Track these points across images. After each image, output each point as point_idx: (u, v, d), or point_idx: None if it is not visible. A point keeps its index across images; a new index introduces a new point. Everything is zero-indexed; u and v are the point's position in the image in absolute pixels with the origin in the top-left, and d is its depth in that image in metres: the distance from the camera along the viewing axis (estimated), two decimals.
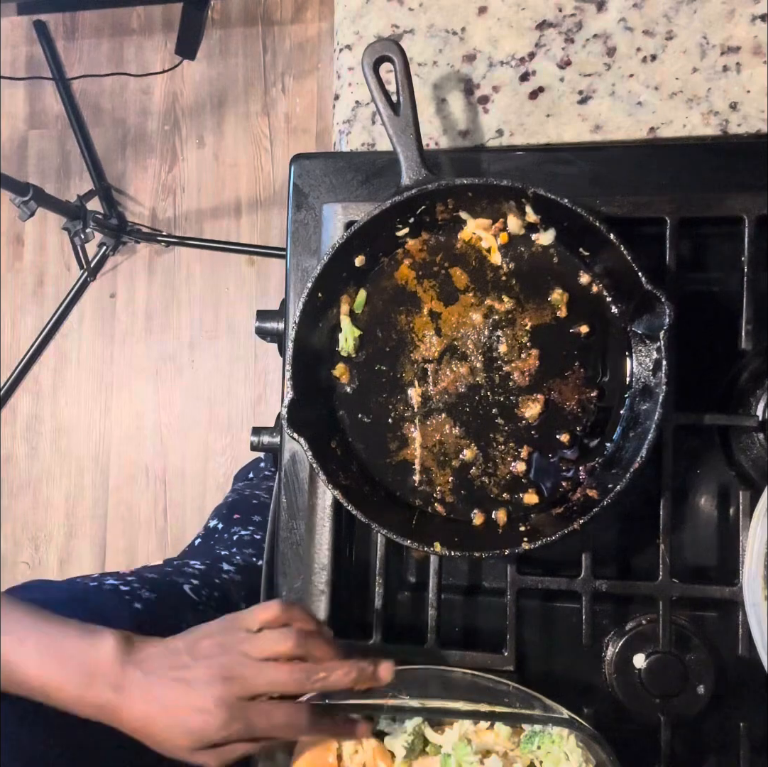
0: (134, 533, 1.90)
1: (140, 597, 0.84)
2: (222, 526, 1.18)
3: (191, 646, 0.59)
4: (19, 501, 1.96)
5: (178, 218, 1.94)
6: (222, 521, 1.19)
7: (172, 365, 1.91)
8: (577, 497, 0.64)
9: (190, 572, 0.96)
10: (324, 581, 0.69)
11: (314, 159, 0.73)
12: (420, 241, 0.68)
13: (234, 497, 1.31)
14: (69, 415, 1.96)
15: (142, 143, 1.96)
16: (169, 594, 0.88)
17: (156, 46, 1.96)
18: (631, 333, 0.64)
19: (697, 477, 0.70)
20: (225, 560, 1.03)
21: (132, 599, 0.83)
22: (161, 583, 0.89)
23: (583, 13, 0.73)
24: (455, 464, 0.66)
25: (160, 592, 0.87)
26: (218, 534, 1.16)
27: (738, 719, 0.65)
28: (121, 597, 0.83)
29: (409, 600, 0.72)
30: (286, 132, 1.90)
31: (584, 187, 0.68)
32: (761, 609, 0.60)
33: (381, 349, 0.68)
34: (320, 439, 0.65)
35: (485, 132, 0.74)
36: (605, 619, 0.68)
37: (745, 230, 0.64)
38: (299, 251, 0.73)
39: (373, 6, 0.76)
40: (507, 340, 0.66)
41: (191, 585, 0.92)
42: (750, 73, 0.70)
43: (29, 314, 1.98)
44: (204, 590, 0.92)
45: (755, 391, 0.66)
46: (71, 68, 1.99)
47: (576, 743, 0.58)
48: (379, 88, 0.65)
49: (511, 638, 0.66)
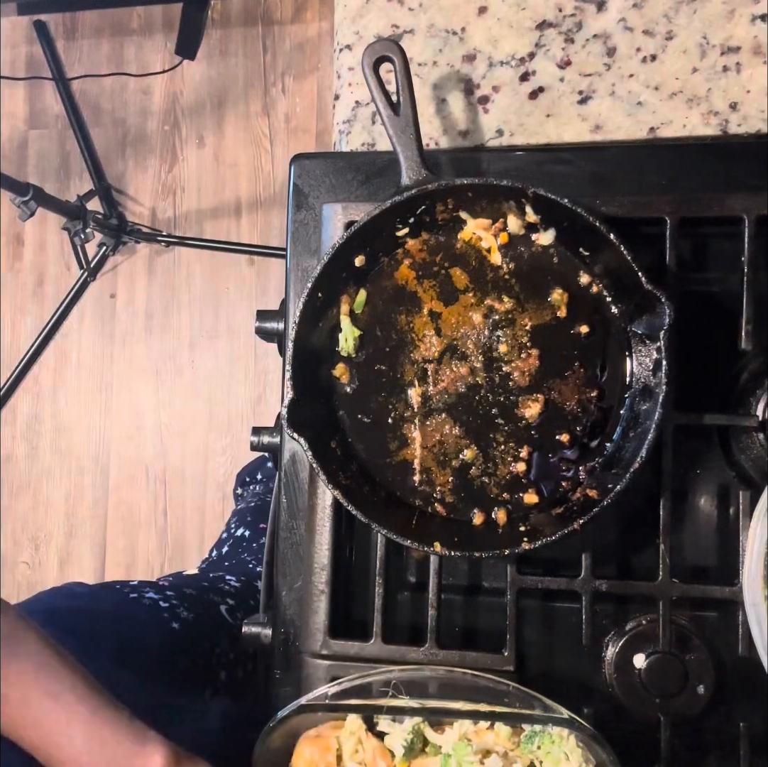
0: (134, 533, 1.90)
1: (178, 617, 0.83)
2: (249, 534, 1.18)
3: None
4: (19, 501, 1.96)
5: (178, 218, 1.94)
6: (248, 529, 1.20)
7: (172, 365, 1.91)
8: (577, 497, 0.64)
9: (226, 590, 0.96)
10: (324, 581, 0.69)
11: (314, 159, 0.73)
12: (420, 241, 0.68)
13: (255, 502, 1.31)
14: (69, 415, 1.96)
15: (142, 143, 1.96)
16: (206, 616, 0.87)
17: (156, 46, 1.96)
18: (631, 333, 0.64)
19: (697, 477, 0.70)
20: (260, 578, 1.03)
21: (170, 618, 0.83)
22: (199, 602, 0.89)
23: (583, 13, 0.73)
24: (455, 464, 0.66)
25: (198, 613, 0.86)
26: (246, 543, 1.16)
27: (738, 719, 0.65)
28: (160, 615, 0.82)
29: (409, 600, 0.72)
30: (286, 132, 1.90)
31: (584, 187, 0.68)
32: (761, 609, 0.60)
33: (381, 349, 0.68)
34: (320, 439, 0.65)
35: (485, 132, 0.74)
36: (605, 619, 0.68)
37: (745, 230, 0.64)
38: (299, 251, 0.73)
39: (373, 6, 0.76)
40: (507, 340, 0.66)
41: (227, 606, 0.91)
42: (750, 73, 0.70)
43: (29, 314, 1.99)
44: (239, 612, 0.92)
45: (755, 391, 0.66)
46: (71, 68, 2.00)
47: (576, 743, 0.58)
48: (379, 88, 0.65)
49: (511, 638, 0.66)
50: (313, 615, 0.68)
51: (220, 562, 1.15)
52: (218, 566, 1.13)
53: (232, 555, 1.14)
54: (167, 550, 1.87)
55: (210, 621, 0.88)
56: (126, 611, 0.81)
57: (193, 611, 0.85)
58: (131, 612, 0.81)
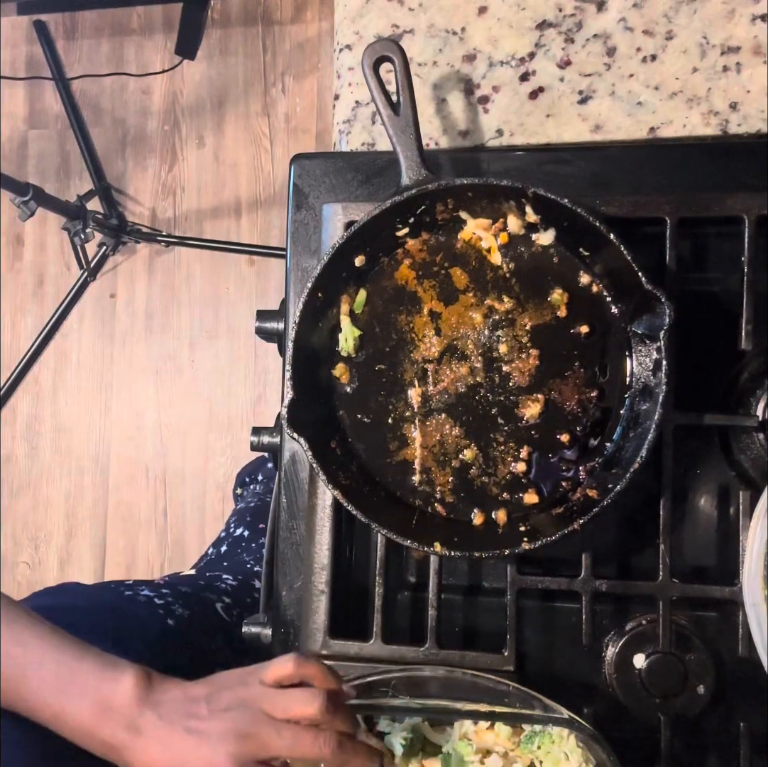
0: (134, 533, 1.90)
1: (173, 613, 0.83)
2: (248, 534, 1.18)
3: (211, 696, 0.57)
4: (19, 501, 1.96)
5: (178, 218, 1.94)
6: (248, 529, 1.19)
7: (172, 365, 1.91)
8: (577, 497, 0.64)
9: (222, 588, 0.96)
10: (324, 581, 0.69)
11: (314, 159, 0.73)
12: (420, 241, 0.68)
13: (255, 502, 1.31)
14: (69, 415, 1.95)
15: (142, 143, 1.96)
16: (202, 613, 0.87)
17: (156, 46, 1.96)
18: (631, 333, 0.64)
19: (697, 477, 0.70)
20: (257, 577, 1.03)
21: (165, 614, 0.82)
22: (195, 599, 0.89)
23: (583, 13, 0.73)
24: (455, 464, 0.66)
25: (193, 610, 0.86)
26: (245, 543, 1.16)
27: (738, 719, 0.65)
28: (155, 611, 0.82)
29: (409, 600, 0.72)
30: (286, 132, 1.90)
31: (584, 187, 0.68)
32: (761, 609, 0.60)
33: (381, 349, 0.68)
34: (320, 439, 0.65)
35: (485, 132, 0.74)
36: (605, 619, 0.68)
37: (745, 230, 0.64)
38: (299, 251, 0.73)
39: (373, 6, 0.76)
40: (507, 340, 0.66)
41: (223, 604, 0.91)
42: (750, 73, 0.70)
43: (29, 314, 1.98)
44: (235, 610, 0.92)
45: (755, 391, 0.66)
46: (71, 68, 1.99)
47: (576, 743, 0.58)
48: (379, 88, 0.65)
49: (511, 638, 0.66)
50: (313, 615, 0.68)
51: (218, 561, 1.15)
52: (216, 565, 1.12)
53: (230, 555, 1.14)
54: (167, 550, 1.87)
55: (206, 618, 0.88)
56: (121, 607, 0.81)
57: (188, 608, 0.85)
58: (126, 609, 0.81)
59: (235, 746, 0.54)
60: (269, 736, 0.54)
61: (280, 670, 0.57)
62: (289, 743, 0.54)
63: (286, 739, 0.54)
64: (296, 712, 0.55)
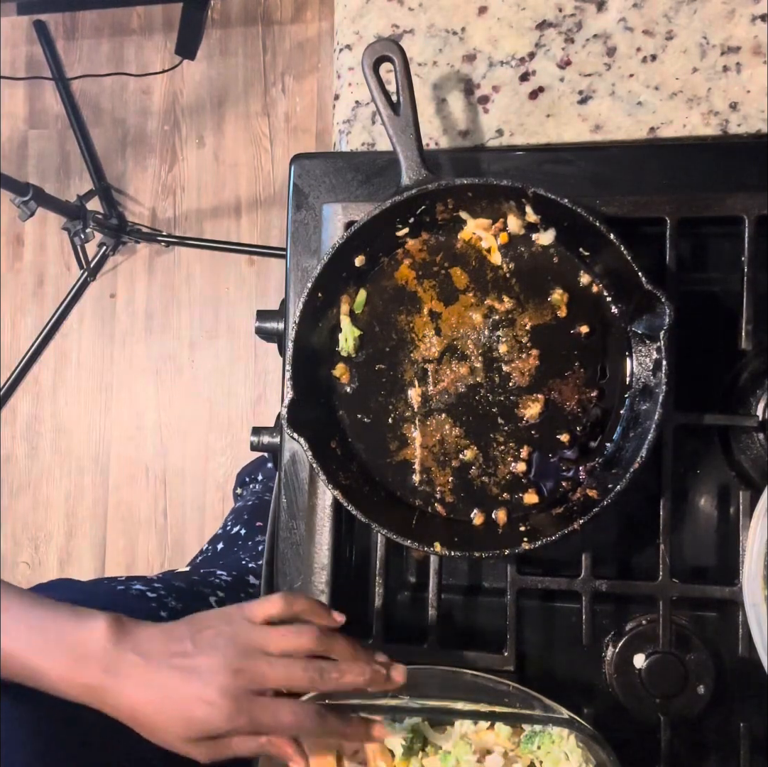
0: (134, 533, 1.90)
1: (166, 606, 0.83)
2: (245, 532, 1.18)
3: (194, 634, 0.57)
4: (19, 501, 1.96)
5: (178, 218, 1.94)
6: (245, 527, 1.19)
7: (172, 365, 1.91)
8: (577, 497, 0.64)
9: (216, 583, 0.96)
10: (324, 581, 0.69)
11: (314, 159, 0.73)
12: (420, 241, 0.68)
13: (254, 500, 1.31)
14: (69, 415, 1.95)
15: (142, 143, 1.96)
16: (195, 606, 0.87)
17: (156, 46, 1.96)
18: (631, 333, 0.64)
19: (697, 477, 0.70)
20: (252, 573, 1.03)
21: (158, 607, 0.82)
22: (188, 593, 0.88)
23: (583, 13, 0.73)
24: (455, 464, 0.66)
25: (186, 603, 0.86)
26: (241, 541, 1.16)
27: (738, 719, 0.65)
28: (148, 604, 0.82)
29: (409, 600, 0.72)
30: (286, 132, 1.90)
31: (584, 187, 0.68)
32: (761, 609, 0.60)
33: (381, 349, 0.68)
34: (320, 439, 0.65)
35: (485, 132, 0.74)
36: (605, 619, 0.68)
37: (745, 230, 0.64)
38: (299, 251, 0.73)
39: (373, 6, 0.76)
40: (507, 340, 0.66)
41: (217, 598, 0.91)
42: (750, 73, 0.70)
43: (29, 314, 1.98)
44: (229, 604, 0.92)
45: (755, 391, 0.66)
46: (71, 68, 1.99)
47: (576, 743, 0.58)
48: (379, 88, 0.65)
49: (511, 638, 0.66)
50: None
51: (214, 558, 1.14)
52: (211, 562, 1.12)
53: (226, 553, 1.14)
54: (167, 550, 1.87)
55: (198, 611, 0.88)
56: (114, 601, 0.81)
57: (181, 601, 0.85)
58: (119, 602, 0.81)
59: (229, 680, 0.54)
60: (261, 668, 0.55)
61: (270, 608, 0.57)
62: (283, 673, 0.55)
63: (279, 670, 0.55)
64: (292, 644, 0.55)
